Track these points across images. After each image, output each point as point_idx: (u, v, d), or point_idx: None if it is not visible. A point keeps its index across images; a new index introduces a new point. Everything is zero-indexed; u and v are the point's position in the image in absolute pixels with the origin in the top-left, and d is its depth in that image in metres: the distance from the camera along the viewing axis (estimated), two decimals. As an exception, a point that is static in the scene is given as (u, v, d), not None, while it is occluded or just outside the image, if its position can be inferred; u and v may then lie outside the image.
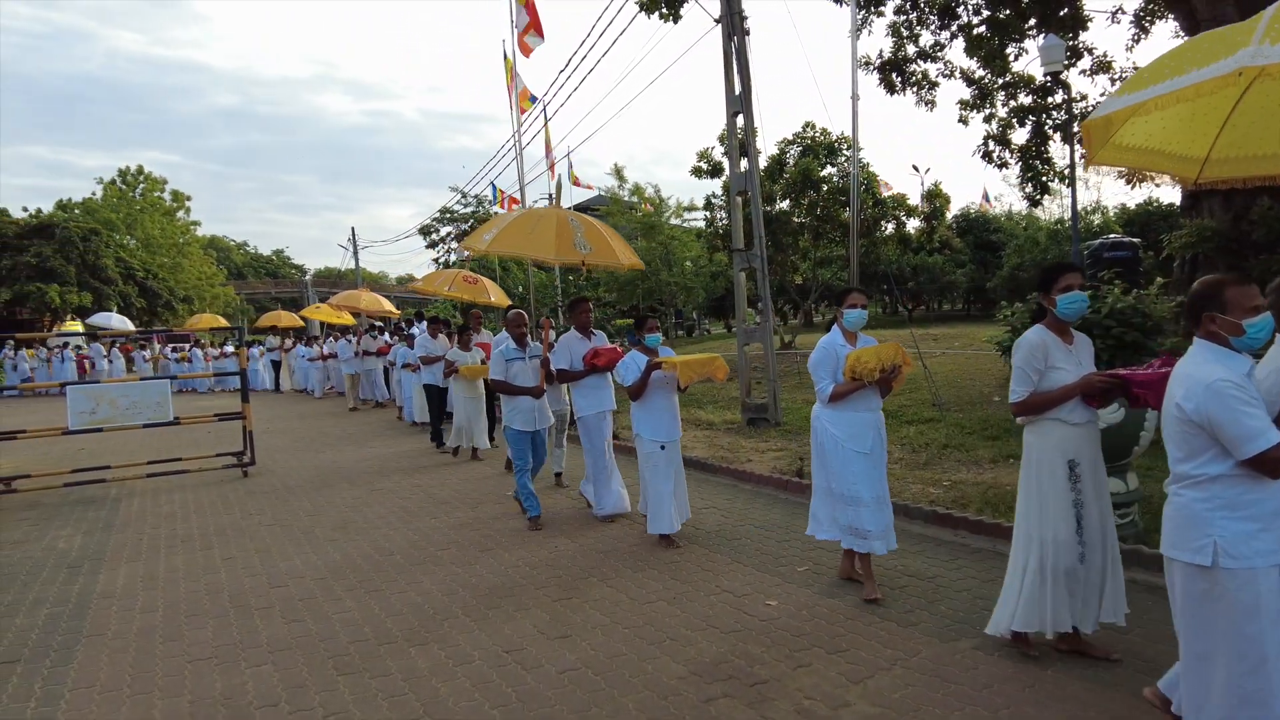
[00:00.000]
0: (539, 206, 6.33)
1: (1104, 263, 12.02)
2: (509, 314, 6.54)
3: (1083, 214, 27.03)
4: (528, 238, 6.44)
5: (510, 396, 6.29)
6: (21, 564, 5.88)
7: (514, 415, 6.32)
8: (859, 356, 4.31)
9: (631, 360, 5.65)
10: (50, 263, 32.42)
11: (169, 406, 8.96)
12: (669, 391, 5.67)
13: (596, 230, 6.86)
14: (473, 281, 11.59)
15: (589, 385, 6.38)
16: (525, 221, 6.54)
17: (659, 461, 5.56)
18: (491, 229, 6.72)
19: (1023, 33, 13.56)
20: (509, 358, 6.31)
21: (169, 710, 3.48)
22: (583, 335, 6.43)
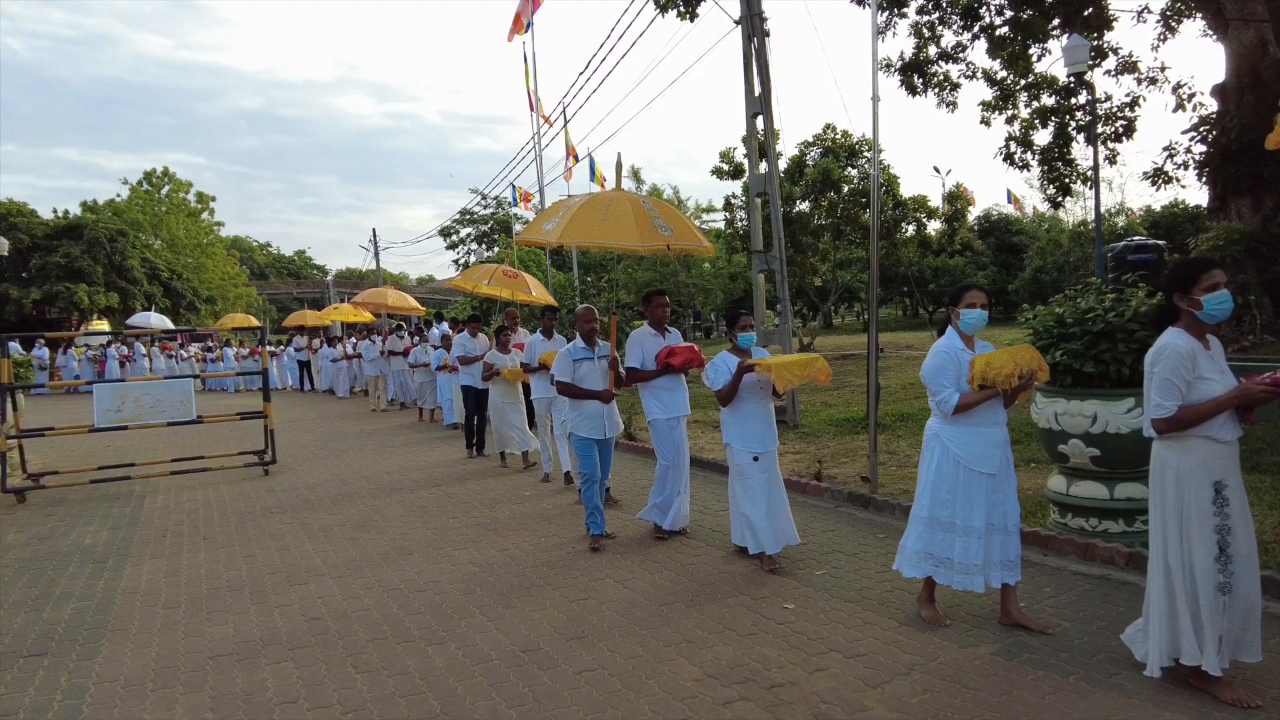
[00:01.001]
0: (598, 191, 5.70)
1: (1128, 265, 11.86)
2: (578, 310, 6.02)
3: (1106, 216, 26.73)
4: (603, 224, 5.67)
5: (576, 401, 5.81)
6: (49, 558, 5.97)
7: (581, 421, 5.80)
8: (989, 361, 3.84)
9: (721, 362, 5.19)
10: (79, 263, 32.95)
11: (192, 405, 9.08)
12: (763, 397, 5.18)
13: (671, 211, 6.20)
14: (513, 276, 10.66)
15: (662, 387, 5.87)
16: (594, 206, 5.80)
17: (752, 474, 5.06)
18: (553, 217, 5.97)
19: (1046, 33, 13.42)
20: (576, 357, 5.80)
21: (191, 705, 3.52)
22: (657, 331, 5.94)
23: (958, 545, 3.88)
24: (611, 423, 5.88)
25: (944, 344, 3.96)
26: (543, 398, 7.99)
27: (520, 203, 21.75)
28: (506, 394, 9.07)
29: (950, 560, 3.91)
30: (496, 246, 44.64)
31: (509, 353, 9.01)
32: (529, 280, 10.87)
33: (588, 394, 5.76)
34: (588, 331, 5.90)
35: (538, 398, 8.07)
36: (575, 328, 6.00)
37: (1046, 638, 3.82)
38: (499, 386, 9.07)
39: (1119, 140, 14.03)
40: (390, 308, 16.81)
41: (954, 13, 13.62)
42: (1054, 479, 5.24)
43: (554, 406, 7.87)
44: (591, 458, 5.79)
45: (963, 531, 3.88)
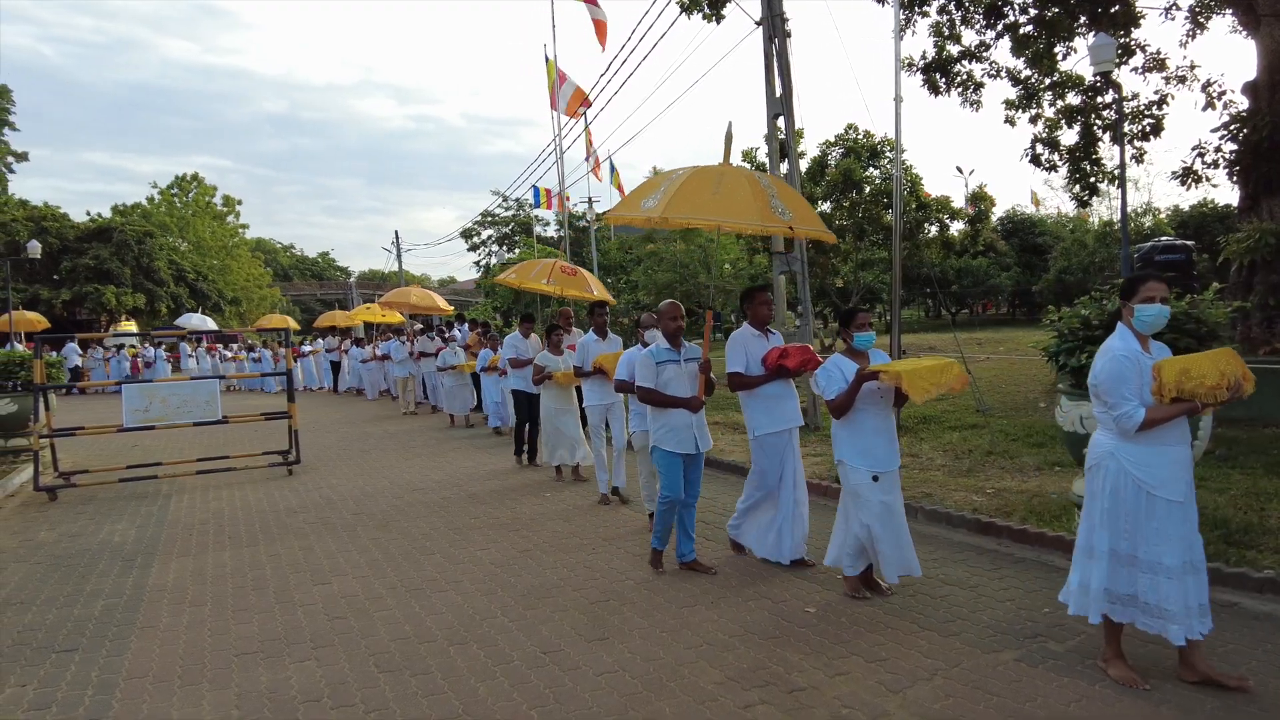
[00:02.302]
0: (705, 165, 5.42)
1: (1155, 266, 11.71)
2: (662, 305, 5.29)
3: (1133, 216, 26.34)
4: (714, 199, 4.90)
5: (661, 410, 5.07)
6: (80, 556, 6.08)
7: (666, 434, 5.05)
8: (1186, 369, 3.31)
9: (834, 367, 4.51)
10: (107, 265, 33.51)
11: (217, 405, 9.20)
12: (885, 409, 4.53)
13: (788, 191, 5.37)
14: (571, 273, 9.79)
15: (770, 394, 5.18)
16: (703, 179, 5.01)
17: (868, 495, 4.41)
18: (652, 193, 5.16)
19: (1071, 31, 13.26)
20: (660, 360, 5.07)
21: (217, 701, 3.57)
22: (759, 332, 5.31)
23: (1142, 582, 3.36)
24: (702, 435, 5.13)
25: (1120, 346, 3.42)
26: (597, 404, 7.31)
27: (543, 203, 21.81)
28: (560, 400, 8.16)
29: (1134, 598, 3.39)
30: (517, 248, 44.82)
31: (561, 354, 8.20)
32: (588, 277, 9.98)
33: (674, 402, 5.01)
34: (673, 330, 5.16)
35: (591, 405, 7.34)
36: (659, 326, 5.32)
37: (1073, 644, 3.77)
38: (551, 391, 8.19)
39: (1146, 139, 13.84)
40: (414, 307, 16.43)
41: (976, 11, 13.50)
42: (1079, 483, 5.16)
43: (611, 415, 7.35)
44: (677, 477, 5.04)
45: (1148, 569, 3.35)
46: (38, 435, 8.66)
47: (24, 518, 7.55)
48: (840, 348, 4.72)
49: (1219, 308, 4.99)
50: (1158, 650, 3.61)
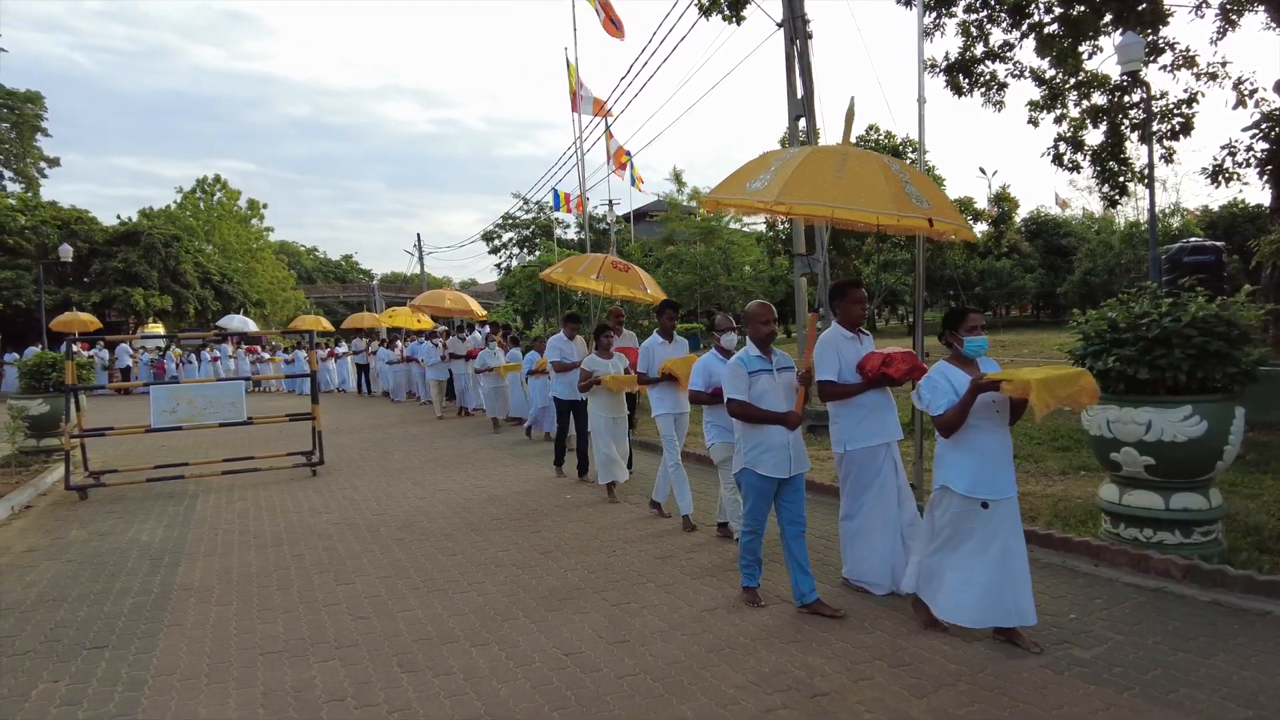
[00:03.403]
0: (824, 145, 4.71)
1: (1184, 268, 11.52)
2: (751, 307, 4.67)
3: (1161, 216, 25.98)
4: (838, 183, 4.20)
5: (753, 427, 4.42)
6: (110, 554, 6.18)
7: (759, 454, 4.39)
8: None
9: (941, 378, 3.94)
10: (135, 267, 34.02)
11: (243, 407, 9.32)
12: (999, 425, 3.90)
13: (922, 177, 4.70)
14: (623, 268, 9.01)
15: (867, 405, 4.58)
16: (823, 160, 4.35)
17: (975, 527, 3.82)
18: (759, 173, 4.50)
19: (1098, 30, 13.09)
20: (753, 369, 4.43)
21: (243, 700, 3.61)
22: (853, 334, 4.70)
23: None
24: (799, 456, 4.46)
25: None
26: (666, 413, 6.57)
27: (563, 206, 21.88)
28: (610, 408, 7.41)
29: None
30: (538, 250, 45.00)
31: (611, 357, 7.49)
32: (641, 274, 9.17)
33: (770, 417, 4.37)
34: (765, 335, 4.54)
35: (661, 414, 6.60)
36: (747, 329, 4.68)
37: (1100, 651, 3.72)
38: (601, 399, 7.40)
39: (1175, 138, 13.62)
40: (448, 310, 15.99)
41: (1002, 11, 13.37)
42: (1106, 488, 5.10)
43: (679, 426, 6.66)
44: (764, 506, 4.47)
45: None
46: (69, 435, 8.82)
47: (55, 516, 7.69)
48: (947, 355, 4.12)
49: (1251, 311, 4.91)
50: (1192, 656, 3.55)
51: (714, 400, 5.37)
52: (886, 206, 4.22)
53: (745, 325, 4.71)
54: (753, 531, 4.52)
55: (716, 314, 5.84)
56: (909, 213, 4.27)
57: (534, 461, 9.92)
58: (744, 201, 4.67)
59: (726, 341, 5.60)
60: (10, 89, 33.93)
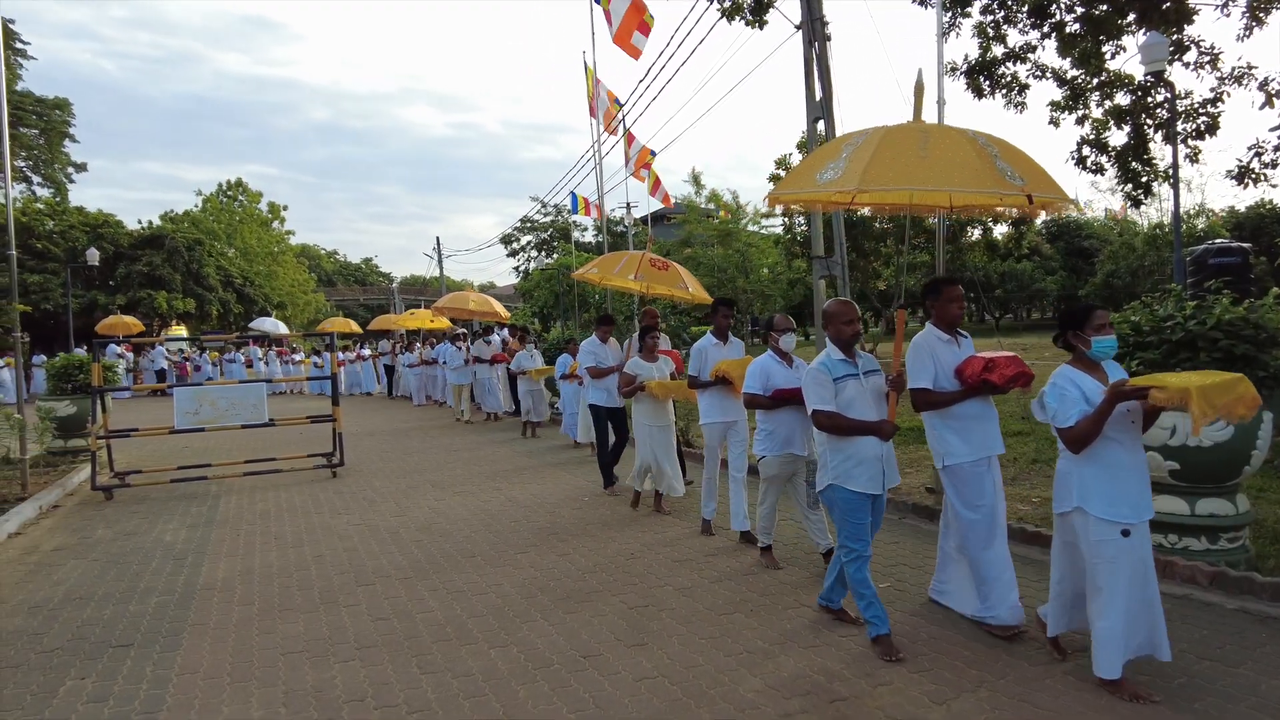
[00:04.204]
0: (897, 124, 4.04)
1: (1210, 270, 11.37)
2: (830, 305, 4.28)
3: (1185, 217, 25.64)
4: (923, 164, 3.82)
5: (842, 439, 4.04)
6: (135, 553, 6.27)
7: (849, 469, 4.00)
8: None
9: (1069, 384, 3.46)
10: (159, 271, 34.53)
11: (264, 408, 9.42)
12: (1135, 438, 3.46)
13: (1012, 149, 4.16)
14: (663, 266, 8.46)
15: (966, 414, 4.14)
16: (902, 140, 3.96)
17: (1114, 555, 3.35)
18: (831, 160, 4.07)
19: (1121, 30, 12.95)
20: (838, 375, 4.04)
21: (265, 699, 3.65)
22: (949, 336, 4.25)
23: None
24: (891, 469, 4.12)
25: None
26: (717, 421, 6.12)
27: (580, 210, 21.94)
28: (655, 415, 6.90)
29: None
30: (556, 253, 45.14)
31: (655, 360, 7.03)
32: (681, 272, 8.71)
33: (861, 428, 3.99)
34: (849, 336, 4.17)
35: (710, 422, 6.13)
36: (827, 330, 4.25)
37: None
38: (645, 406, 6.90)
39: (1200, 138, 13.45)
40: (472, 313, 15.57)
41: (1020, 11, 13.27)
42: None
43: (732, 434, 6.21)
44: (864, 524, 4.04)
45: None
46: (95, 436, 8.95)
47: (82, 515, 7.81)
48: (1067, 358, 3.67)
49: (1278, 312, 4.84)
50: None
51: (772, 405, 5.10)
52: (985, 184, 3.73)
53: (825, 326, 4.29)
54: (859, 555, 4.00)
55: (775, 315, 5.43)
56: (1006, 190, 3.78)
57: (556, 467, 9.94)
58: (817, 195, 4.28)
59: (785, 343, 5.25)
60: (39, 96, 34.47)
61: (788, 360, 5.24)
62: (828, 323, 4.22)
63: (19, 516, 7.31)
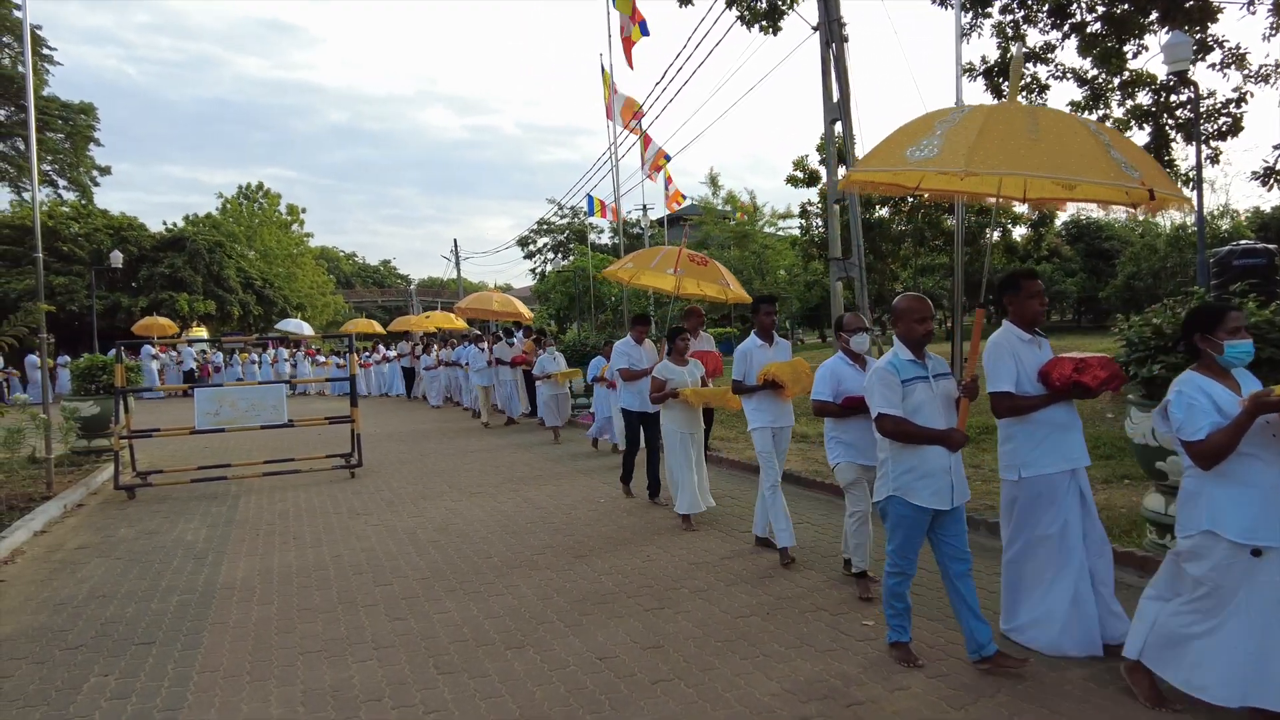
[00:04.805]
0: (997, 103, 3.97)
1: (1234, 272, 11.23)
2: (900, 302, 3.90)
3: (1209, 219, 25.32)
4: (1035, 147, 3.43)
5: (906, 447, 3.69)
6: (156, 552, 6.34)
7: (914, 480, 3.66)
8: None
9: (1198, 393, 3.13)
10: (181, 273, 34.91)
11: (283, 409, 9.51)
12: (1276, 454, 3.08)
13: (1125, 141, 3.91)
14: (702, 262, 7.98)
15: (1047, 421, 3.82)
16: (1010, 120, 3.60)
17: (1242, 580, 3.01)
18: (921, 139, 3.67)
19: (1142, 29, 12.83)
20: (907, 377, 3.71)
21: (284, 698, 3.68)
22: (1029, 335, 3.95)
23: None
24: (960, 481, 3.75)
25: None
26: (765, 426, 5.63)
27: (597, 212, 21.98)
28: (685, 422, 6.55)
29: None
30: (572, 255, 45.25)
31: (686, 364, 6.63)
32: (721, 269, 8.20)
33: (931, 436, 3.65)
34: (921, 335, 3.81)
35: (759, 427, 5.65)
36: (896, 328, 3.92)
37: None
38: (675, 413, 6.53)
39: (1223, 138, 13.30)
40: (496, 314, 15.40)
41: (1040, 11, 13.17)
42: (1150, 497, 4.99)
43: (780, 440, 5.72)
44: (914, 541, 3.71)
45: None
46: (118, 436, 9.07)
47: (105, 514, 7.91)
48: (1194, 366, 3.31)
49: (1305, 316, 4.76)
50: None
51: (843, 412, 4.70)
52: (1104, 174, 3.37)
53: (894, 323, 3.94)
54: (902, 573, 3.74)
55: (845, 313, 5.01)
56: (1124, 182, 3.41)
57: (575, 470, 9.96)
58: (901, 173, 3.88)
59: (857, 344, 4.88)
60: (65, 101, 35.03)
61: (860, 363, 4.85)
62: (897, 320, 3.86)
63: (44, 515, 7.42)
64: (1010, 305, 3.99)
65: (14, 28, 29.94)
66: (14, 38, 30.49)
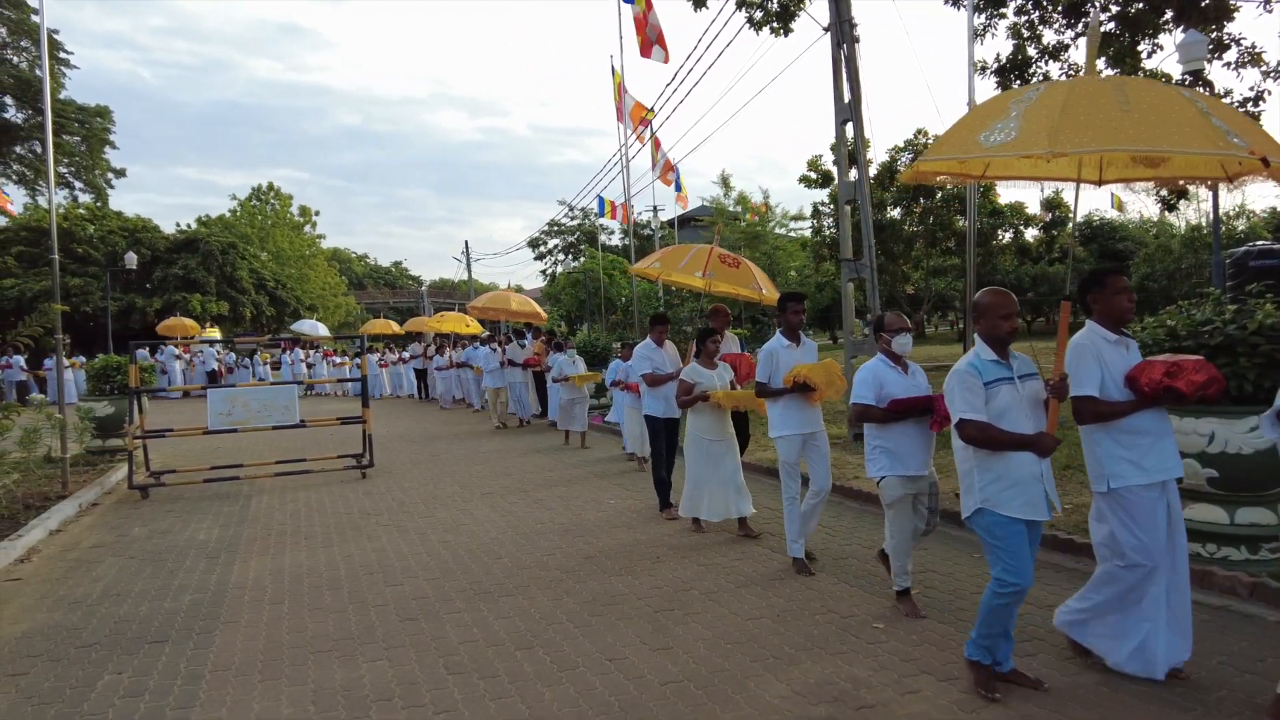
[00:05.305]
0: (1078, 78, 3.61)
1: (1250, 273, 11.10)
2: (983, 296, 3.62)
3: (1225, 219, 25.09)
4: (1127, 120, 3.14)
5: (993, 455, 3.45)
6: (169, 551, 6.39)
7: (1004, 490, 3.42)
8: None
9: None
10: (194, 274, 35.18)
11: (295, 410, 9.56)
12: None
13: (1226, 109, 3.60)
14: (733, 263, 7.64)
15: (1137, 429, 3.51)
16: (1094, 94, 3.28)
17: None
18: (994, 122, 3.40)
19: (1157, 28, 12.73)
20: (991, 379, 3.46)
21: (295, 696, 3.70)
22: (1115, 335, 3.63)
23: None
24: (1052, 490, 3.51)
25: None
26: (793, 434, 5.33)
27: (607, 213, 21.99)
28: (712, 429, 6.22)
29: None
30: (582, 257, 45.28)
31: (715, 367, 6.33)
32: (754, 270, 7.82)
33: (1020, 441, 3.40)
34: (1007, 333, 3.54)
35: (785, 435, 5.34)
36: (977, 326, 3.65)
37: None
38: (703, 418, 6.23)
39: (1239, 139, 13.15)
40: (514, 314, 15.08)
41: (1055, 10, 13.09)
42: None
43: (810, 448, 5.39)
44: (1022, 552, 3.40)
45: None
46: (132, 436, 9.14)
47: (119, 514, 7.98)
48: None
49: (1322, 317, 4.70)
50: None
51: (887, 418, 4.39)
52: (1211, 144, 3.06)
53: (975, 321, 3.65)
54: (1016, 590, 3.35)
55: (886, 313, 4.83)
56: (1232, 151, 3.11)
57: (586, 472, 9.96)
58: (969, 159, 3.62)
59: (899, 345, 4.55)
60: (81, 104, 35.35)
61: (902, 365, 4.55)
62: (979, 316, 3.59)
63: (60, 514, 7.48)
64: (1095, 303, 3.65)
65: (32, 32, 30.23)
66: (32, 42, 30.78)
